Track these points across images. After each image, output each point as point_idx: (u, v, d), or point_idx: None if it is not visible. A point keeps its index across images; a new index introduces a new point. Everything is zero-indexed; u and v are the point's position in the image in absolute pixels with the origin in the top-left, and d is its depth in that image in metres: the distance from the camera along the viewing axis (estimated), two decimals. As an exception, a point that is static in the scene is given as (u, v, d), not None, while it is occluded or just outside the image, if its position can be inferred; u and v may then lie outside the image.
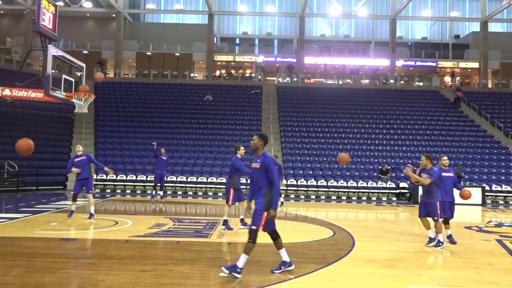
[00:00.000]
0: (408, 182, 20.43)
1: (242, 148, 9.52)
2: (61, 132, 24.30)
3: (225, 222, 9.41)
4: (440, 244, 7.82)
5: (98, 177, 20.62)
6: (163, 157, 15.78)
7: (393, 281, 5.55)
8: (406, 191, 20.35)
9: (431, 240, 7.97)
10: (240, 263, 5.45)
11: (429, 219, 8.01)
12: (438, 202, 7.93)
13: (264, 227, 5.56)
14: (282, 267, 5.74)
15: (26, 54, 18.34)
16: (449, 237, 8.31)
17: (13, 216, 10.91)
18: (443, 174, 8.30)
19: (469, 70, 37.37)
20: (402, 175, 21.46)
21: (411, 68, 37.49)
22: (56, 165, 21.42)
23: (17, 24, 34.89)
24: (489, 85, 34.18)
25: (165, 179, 16.88)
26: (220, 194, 20.27)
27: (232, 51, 38.08)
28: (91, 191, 10.48)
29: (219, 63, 37.11)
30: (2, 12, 35.88)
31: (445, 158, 8.56)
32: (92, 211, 10.43)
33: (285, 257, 5.80)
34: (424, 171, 7.99)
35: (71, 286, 4.95)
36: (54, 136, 23.59)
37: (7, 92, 16.82)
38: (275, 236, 5.76)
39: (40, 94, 16.91)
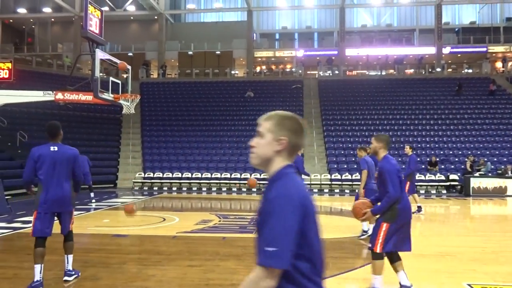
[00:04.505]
0: (459, 174, 19.62)
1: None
2: (110, 133, 25.27)
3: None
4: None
5: (146, 175, 21.34)
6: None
7: (446, 277, 5.36)
8: (457, 183, 19.55)
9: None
10: None
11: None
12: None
13: None
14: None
15: (76, 59, 19.17)
16: None
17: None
18: None
19: (523, 54, 35.23)
20: (452, 167, 20.70)
21: (459, 55, 35.84)
22: (106, 165, 22.27)
23: (67, 30, 36.62)
24: (546, 70, 32.09)
25: (89, 180, 14.67)
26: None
27: (272, 46, 38.00)
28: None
29: (259, 59, 37.15)
30: (53, 20, 37.76)
31: None
32: None
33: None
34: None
35: (123, 280, 5.15)
36: (104, 137, 24.59)
37: (59, 96, 17.62)
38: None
39: (90, 96, 17.60)
